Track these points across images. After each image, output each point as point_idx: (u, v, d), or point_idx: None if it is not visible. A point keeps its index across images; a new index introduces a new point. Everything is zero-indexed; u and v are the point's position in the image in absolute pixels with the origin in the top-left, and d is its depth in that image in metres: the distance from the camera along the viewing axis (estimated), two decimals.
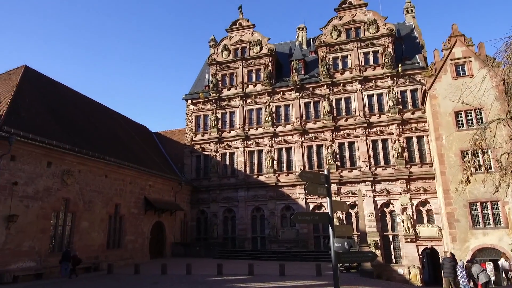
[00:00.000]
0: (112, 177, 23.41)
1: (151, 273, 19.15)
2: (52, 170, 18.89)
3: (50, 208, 18.58)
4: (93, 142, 23.19)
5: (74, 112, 25.03)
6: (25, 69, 22.99)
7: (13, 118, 17.67)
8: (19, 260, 16.62)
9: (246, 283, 15.17)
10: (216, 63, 36.22)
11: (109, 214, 22.94)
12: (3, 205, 16.09)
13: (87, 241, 20.74)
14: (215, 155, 33.99)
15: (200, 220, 33.60)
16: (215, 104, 35.21)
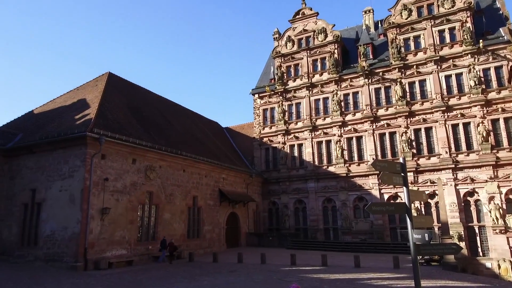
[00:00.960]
0: (189, 171, 24.88)
1: (228, 261, 20.11)
2: (136, 166, 20.64)
3: (137, 201, 20.36)
4: (171, 139, 24.78)
5: (152, 112, 26.96)
6: (109, 75, 25.34)
7: (102, 120, 19.58)
8: (113, 248, 18.51)
9: (320, 274, 15.21)
10: (280, 55, 36.30)
11: (188, 205, 24.45)
12: (97, 199, 18.01)
13: (170, 231, 22.37)
14: (283, 147, 34.26)
15: (271, 211, 34.25)
16: (281, 96, 35.37)
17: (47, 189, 18.70)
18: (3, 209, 20.00)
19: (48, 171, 18.96)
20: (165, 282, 13.50)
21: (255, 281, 13.36)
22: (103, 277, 14.74)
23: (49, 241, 17.84)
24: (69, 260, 16.90)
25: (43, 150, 19.39)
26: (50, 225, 18.05)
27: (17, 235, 19.17)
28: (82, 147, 18.04)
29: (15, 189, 19.98)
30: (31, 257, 18.14)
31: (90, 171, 17.77)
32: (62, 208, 17.88)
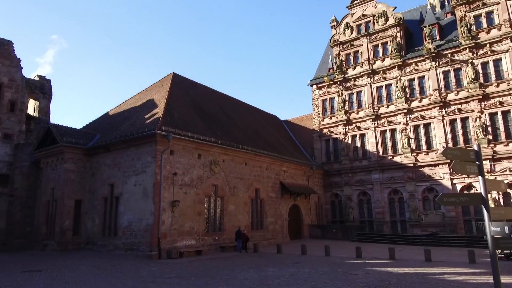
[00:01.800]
0: (251, 164, 25.45)
1: (291, 253, 20.32)
2: (202, 161, 21.61)
3: (203, 194, 21.35)
4: (232, 134, 25.52)
5: (214, 108, 27.93)
6: (173, 75, 26.72)
7: (169, 118, 20.76)
8: (183, 239, 19.66)
9: (388, 267, 14.79)
10: (338, 43, 35.40)
11: (251, 198, 25.06)
12: (167, 192, 19.21)
13: (235, 222, 23.16)
14: (344, 138, 33.51)
15: (334, 203, 33.79)
16: (341, 85, 34.54)
17: (123, 184, 20.36)
18: (87, 202, 22.18)
19: (123, 167, 20.62)
20: (232, 270, 14.08)
21: (320, 273, 13.39)
22: (175, 265, 15.75)
23: (127, 232, 19.47)
24: (144, 249, 18.30)
25: (118, 148, 21.10)
26: (127, 217, 19.67)
27: (100, 226, 21.16)
28: (152, 144, 19.33)
29: (96, 184, 22.03)
30: (112, 246, 19.94)
31: (161, 167, 18.99)
32: (137, 201, 19.37)
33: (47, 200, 22.90)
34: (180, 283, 11.49)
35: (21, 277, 12.29)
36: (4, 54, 27.88)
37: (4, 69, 27.75)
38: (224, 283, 11.41)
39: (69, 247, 20.98)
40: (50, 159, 23.25)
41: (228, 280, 11.85)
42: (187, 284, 11.24)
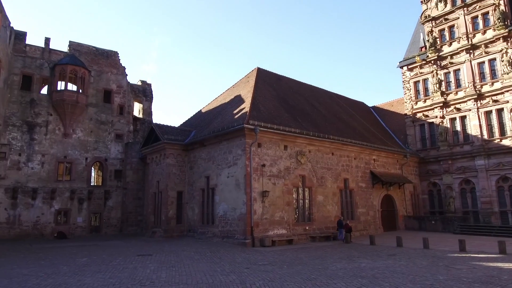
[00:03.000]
0: (338, 154, 25.04)
1: (386, 244, 19.60)
2: (288, 152, 21.97)
3: (291, 184, 21.72)
4: (317, 124, 25.37)
5: (298, 99, 28.03)
6: (257, 70, 27.49)
7: (255, 112, 21.50)
8: (274, 228, 20.30)
9: (498, 262, 13.41)
10: (431, 19, 32.49)
11: (339, 188, 24.70)
12: (257, 183, 19.99)
13: (324, 213, 23.12)
14: (441, 122, 30.86)
15: (432, 193, 31.46)
16: (435, 65, 31.76)
17: (217, 176, 21.77)
18: (187, 193, 24.23)
19: (217, 160, 22.02)
20: (324, 260, 14.18)
21: (418, 266, 12.74)
22: (268, 253, 16.42)
23: (223, 221, 20.83)
24: (239, 237, 19.40)
25: (212, 143, 22.56)
26: (222, 207, 21.01)
27: (199, 215, 22.98)
28: (241, 137, 20.27)
29: (194, 177, 23.92)
30: (210, 234, 21.53)
31: (250, 159, 19.83)
32: (230, 192, 20.56)
33: (154, 192, 25.56)
34: (274, 270, 11.99)
35: (136, 260, 14.05)
36: (111, 64, 31.63)
37: (112, 77, 31.50)
38: (316, 272, 11.59)
39: (173, 234, 23.24)
40: (154, 155, 25.87)
41: (320, 270, 12.00)
42: (281, 272, 11.69)
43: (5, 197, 25.38)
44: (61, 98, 27.65)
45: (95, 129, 29.60)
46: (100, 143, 29.64)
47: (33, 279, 10.27)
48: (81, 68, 28.64)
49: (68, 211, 27.57)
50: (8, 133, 26.20)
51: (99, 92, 30.34)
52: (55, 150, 27.69)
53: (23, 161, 26.45)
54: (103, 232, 28.41)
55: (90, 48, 30.77)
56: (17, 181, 25.95)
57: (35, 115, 27.37)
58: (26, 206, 25.97)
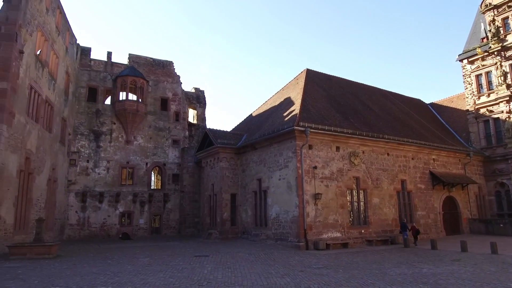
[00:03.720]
0: (394, 154, 24.11)
1: (448, 249, 18.51)
2: (340, 153, 21.59)
3: (345, 186, 21.31)
4: (370, 123, 24.65)
5: (349, 99, 27.44)
6: (307, 72, 27.37)
7: (305, 114, 21.42)
8: (328, 231, 20.03)
9: None
10: (492, 7, 30.17)
11: (396, 190, 23.76)
12: (309, 185, 19.88)
13: (380, 216, 22.37)
14: (508, 117, 28.49)
15: (499, 194, 29.13)
16: (499, 56, 29.43)
17: (269, 179, 21.98)
18: (240, 196, 24.74)
19: (268, 163, 22.25)
20: (381, 265, 13.74)
21: (486, 272, 11.90)
22: (322, 256, 16.25)
23: (276, 223, 20.97)
24: (292, 240, 19.41)
25: (263, 146, 22.85)
26: (275, 209, 21.17)
27: (252, 217, 23.35)
28: (292, 140, 20.31)
29: (246, 179, 24.37)
30: (264, 236, 21.78)
31: (301, 161, 19.80)
32: (282, 194, 20.66)
33: (209, 195, 26.42)
34: (329, 274, 11.87)
35: (193, 261, 14.64)
36: (167, 73, 33.27)
37: (168, 86, 33.11)
38: (373, 277, 11.29)
39: (228, 235, 23.84)
40: (208, 159, 26.76)
41: (378, 275, 11.66)
42: (336, 276, 11.54)
43: (75, 200, 27.69)
44: (123, 107, 29.61)
45: (154, 136, 31.30)
46: (158, 148, 31.28)
47: (101, 277, 11.12)
48: (140, 79, 30.47)
49: (131, 213, 29.38)
50: (77, 142, 28.60)
51: (156, 100, 32.06)
52: (118, 156, 29.69)
53: (90, 167, 28.68)
54: (163, 233, 29.87)
55: (147, 59, 32.64)
56: (86, 186, 28.20)
57: (100, 124, 29.58)
58: (94, 209, 28.11)
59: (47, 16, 21.49)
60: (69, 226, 27.13)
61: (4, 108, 16.27)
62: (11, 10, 17.32)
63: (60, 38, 24.22)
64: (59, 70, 24.30)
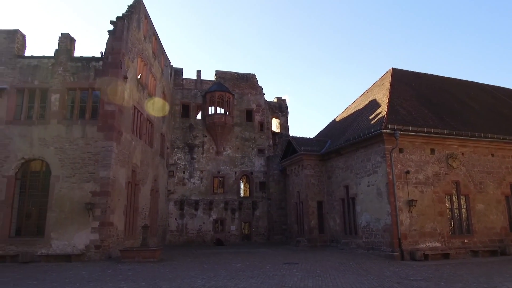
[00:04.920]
0: (499, 155, 21.49)
1: None
2: (436, 156, 19.96)
3: (442, 192, 19.61)
4: (469, 122, 22.38)
5: (443, 96, 25.29)
6: (392, 71, 26.01)
7: (393, 116, 20.32)
8: (425, 240, 18.55)
9: None
10: None
11: (505, 194, 21.08)
12: (402, 191, 18.74)
13: (486, 224, 20.07)
14: None
15: None
16: None
17: (357, 185, 21.32)
18: (327, 203, 24.42)
19: (355, 169, 21.61)
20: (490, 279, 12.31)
21: None
22: (420, 268, 15.15)
23: (366, 231, 20.19)
24: (385, 249, 18.47)
25: (348, 151, 22.29)
26: (365, 217, 20.41)
27: (340, 225, 22.83)
28: (380, 144, 19.45)
29: (332, 186, 23.98)
30: (354, 245, 21.11)
31: (391, 166, 18.80)
32: (372, 202, 19.84)
33: (295, 202, 26.60)
34: (428, 286, 11.06)
35: (283, 268, 14.85)
36: (250, 85, 34.62)
37: (252, 98, 34.40)
38: None
39: (317, 243, 23.66)
40: (293, 166, 27.00)
41: None
42: None
43: (175, 208, 30.21)
44: (212, 121, 31.61)
45: (241, 146, 32.73)
46: (245, 158, 32.59)
47: (199, 280, 11.97)
48: (226, 93, 32.25)
49: (224, 220, 30.98)
50: (174, 154, 31.29)
51: (242, 112, 33.56)
52: (210, 167, 31.69)
53: (186, 177, 31.09)
54: (253, 240, 30.85)
55: (232, 74, 34.43)
56: (183, 195, 30.61)
57: (193, 137, 31.98)
58: (190, 216, 30.33)
59: (145, 43, 24.10)
60: (169, 232, 29.68)
61: (114, 127, 18.64)
62: (115, 41, 19.86)
63: (156, 62, 26.92)
64: (157, 91, 26.97)
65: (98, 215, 17.52)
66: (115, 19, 20.00)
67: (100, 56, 19.69)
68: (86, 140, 18.41)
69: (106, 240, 17.55)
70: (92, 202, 17.54)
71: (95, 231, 17.41)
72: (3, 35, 19.46)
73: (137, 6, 22.28)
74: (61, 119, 18.68)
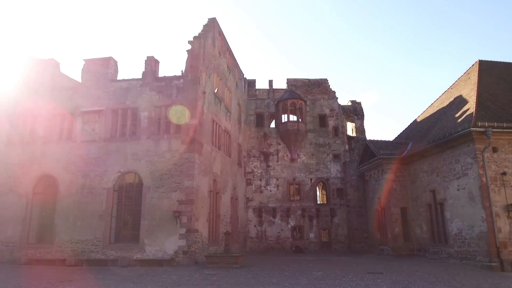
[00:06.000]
0: None
1: None
2: None
3: None
4: None
5: None
6: (479, 63, 23.70)
7: (483, 112, 18.49)
8: None
9: None
10: None
11: None
12: (498, 195, 16.88)
13: None
14: None
15: None
16: None
17: (444, 190, 19.76)
18: (411, 209, 23.00)
19: (441, 172, 20.08)
20: None
21: None
22: None
23: (458, 240, 18.56)
24: (481, 259, 16.78)
25: (432, 153, 20.83)
26: (456, 224, 18.80)
27: (428, 233, 21.31)
28: (469, 143, 17.88)
29: (417, 191, 22.55)
30: (445, 254, 19.52)
31: (484, 167, 17.13)
32: (463, 207, 18.22)
33: (376, 209, 25.51)
34: None
35: (366, 278, 14.33)
36: (323, 90, 34.37)
37: (324, 103, 34.09)
38: None
39: (402, 252, 22.35)
40: (372, 171, 25.99)
41: None
42: None
43: (253, 215, 30.99)
44: (286, 128, 31.96)
45: (315, 152, 32.48)
46: (320, 164, 32.24)
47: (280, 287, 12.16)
48: (298, 100, 32.41)
49: (301, 228, 30.90)
50: (251, 163, 32.22)
51: (314, 118, 33.37)
52: (285, 174, 31.97)
53: (263, 185, 31.75)
54: (333, 248, 30.21)
55: (303, 80, 34.50)
56: (261, 202, 31.28)
57: (268, 146, 32.62)
58: (269, 223, 30.83)
59: (220, 58, 25.39)
60: (249, 239, 30.48)
61: (195, 140, 19.90)
62: (193, 59, 21.26)
63: (231, 75, 28.16)
64: (232, 103, 28.16)
65: (184, 222, 18.77)
66: (192, 38, 21.45)
67: (181, 74, 21.25)
68: (172, 153, 19.90)
69: (192, 246, 18.69)
70: (179, 210, 18.86)
71: (182, 237, 18.66)
72: (99, 63, 22.06)
73: (211, 25, 23.64)
74: (150, 134, 20.49)
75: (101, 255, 19.06)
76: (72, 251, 19.32)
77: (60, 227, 19.87)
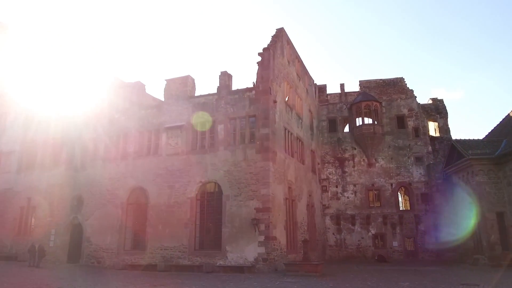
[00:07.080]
0: None
1: None
2: None
3: None
4: None
5: None
6: None
7: None
8: None
9: None
10: None
11: None
12: None
13: None
14: None
15: None
16: None
17: None
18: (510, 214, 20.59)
19: None
20: None
21: None
22: None
23: None
24: None
25: None
26: None
27: None
28: None
29: None
30: None
31: None
32: None
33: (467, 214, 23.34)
34: None
35: None
36: (399, 90, 32.74)
37: (402, 103, 32.40)
38: None
39: (500, 262, 20.08)
40: (460, 173, 23.93)
41: None
42: None
43: (331, 223, 30.37)
44: (361, 132, 30.93)
45: (395, 155, 30.86)
46: (401, 168, 30.52)
47: None
48: (372, 102, 31.20)
49: (383, 235, 29.42)
50: (325, 169, 31.73)
51: (391, 119, 31.78)
52: (363, 180, 30.85)
53: (339, 191, 31.01)
54: (420, 257, 28.22)
55: (377, 81, 33.16)
56: (338, 209, 30.55)
57: (342, 151, 31.85)
58: (348, 231, 29.93)
59: (289, 67, 25.65)
60: (328, 247, 29.88)
61: (269, 149, 20.30)
62: (264, 70, 21.79)
63: (300, 83, 28.24)
64: (304, 110, 28.15)
65: (262, 230, 19.16)
66: (262, 50, 22.04)
67: (252, 86, 21.92)
68: (247, 162, 20.54)
69: (271, 254, 18.97)
70: (256, 217, 19.32)
71: (261, 244, 19.04)
72: (178, 81, 23.76)
73: (279, 35, 24.05)
74: (227, 145, 21.41)
75: (188, 261, 20.25)
76: (162, 257, 20.85)
77: (151, 235, 21.61)
